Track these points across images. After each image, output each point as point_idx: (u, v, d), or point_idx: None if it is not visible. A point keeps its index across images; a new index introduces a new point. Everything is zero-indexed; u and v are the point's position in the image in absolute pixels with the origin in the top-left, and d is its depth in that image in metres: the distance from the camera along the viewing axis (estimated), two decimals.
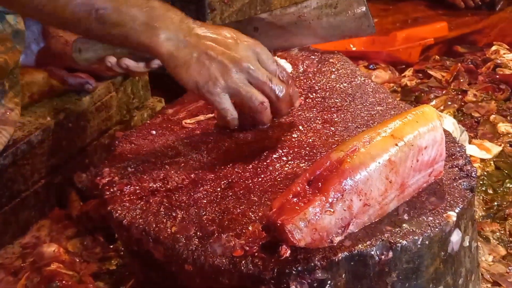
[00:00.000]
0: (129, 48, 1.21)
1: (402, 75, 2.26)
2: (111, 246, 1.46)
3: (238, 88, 1.14)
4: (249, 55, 1.14)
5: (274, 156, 1.15)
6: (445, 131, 1.17)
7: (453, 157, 1.11)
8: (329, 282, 0.91)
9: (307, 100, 1.33)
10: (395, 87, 2.17)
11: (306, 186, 0.92)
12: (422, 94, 2.07)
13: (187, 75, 1.14)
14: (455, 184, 1.05)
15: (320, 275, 0.91)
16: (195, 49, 1.13)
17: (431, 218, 0.97)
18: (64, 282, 1.34)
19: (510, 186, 1.62)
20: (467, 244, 1.03)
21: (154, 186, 1.11)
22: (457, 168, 1.08)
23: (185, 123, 1.30)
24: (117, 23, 1.13)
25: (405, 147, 0.96)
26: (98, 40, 1.23)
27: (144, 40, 1.14)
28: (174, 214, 1.04)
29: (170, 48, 1.13)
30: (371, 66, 2.32)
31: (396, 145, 0.96)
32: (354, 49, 2.45)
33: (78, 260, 1.43)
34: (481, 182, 1.62)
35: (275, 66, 1.18)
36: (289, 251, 0.91)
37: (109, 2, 1.12)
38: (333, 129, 1.23)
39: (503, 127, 1.86)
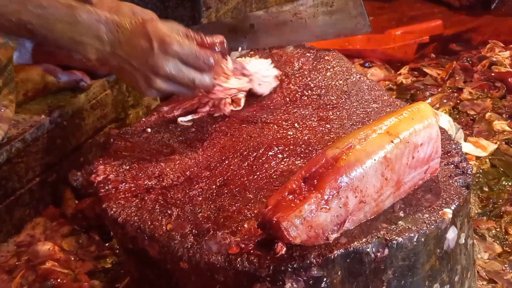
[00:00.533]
0: None
1: (398, 73, 2.26)
2: (106, 244, 1.46)
3: (167, 90, 1.19)
4: (164, 63, 1.15)
5: (270, 153, 1.15)
6: (441, 128, 1.18)
7: (448, 154, 1.11)
8: (324, 279, 0.91)
9: (302, 97, 1.33)
10: (390, 85, 2.17)
11: (302, 184, 0.92)
12: (418, 92, 2.08)
13: (124, 80, 1.25)
14: (450, 181, 1.04)
15: (315, 272, 0.91)
16: (120, 59, 1.17)
17: (427, 215, 0.97)
18: (59, 280, 1.34)
19: (506, 184, 1.62)
20: (463, 241, 1.03)
21: (149, 183, 1.11)
22: (452, 165, 1.08)
23: (180, 121, 1.29)
24: (46, 38, 1.17)
25: (400, 144, 0.96)
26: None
27: (75, 54, 1.18)
28: (169, 212, 1.03)
29: (99, 61, 1.18)
30: (367, 64, 2.32)
31: (392, 142, 0.95)
32: (349, 47, 2.45)
33: (73, 258, 1.43)
34: (476, 180, 1.62)
35: (195, 57, 1.17)
36: (284, 249, 0.90)
37: (35, 18, 1.13)
38: (328, 126, 1.23)
39: (498, 125, 1.86)
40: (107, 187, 1.10)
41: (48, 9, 1.14)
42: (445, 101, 2.00)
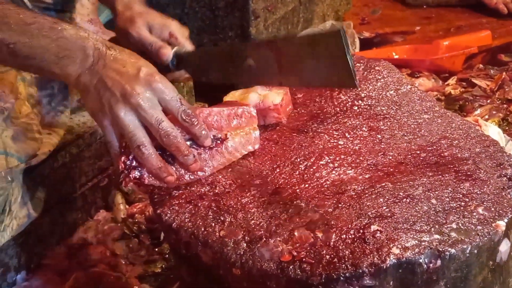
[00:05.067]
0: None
1: (446, 83, 2.25)
2: (156, 249, 1.49)
3: (122, 126, 1.07)
4: (142, 92, 1.07)
5: (321, 162, 1.16)
6: (493, 140, 1.17)
7: (501, 166, 1.10)
8: None
9: (353, 107, 1.33)
10: (438, 95, 2.16)
11: None
12: (467, 103, 2.06)
13: (86, 101, 1.12)
14: (503, 194, 1.04)
15: (367, 281, 0.91)
16: (96, 76, 1.09)
17: (479, 227, 0.97)
18: (110, 283, 1.36)
19: None
20: None
21: (202, 190, 1.13)
22: (505, 178, 1.08)
23: None
24: (28, 56, 1.11)
25: None
26: (16, 69, 1.22)
27: (56, 71, 1.12)
28: (222, 218, 1.05)
29: (76, 76, 1.11)
30: (414, 74, 2.31)
31: None
32: (396, 57, 2.45)
33: (123, 262, 1.45)
34: None
35: (178, 104, 1.09)
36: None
37: (19, 36, 1.10)
38: (379, 136, 1.23)
39: None
40: (161, 193, 1.13)
41: (33, 25, 1.11)
42: (494, 112, 1.98)
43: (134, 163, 1.09)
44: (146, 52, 1.34)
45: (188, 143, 1.12)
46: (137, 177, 1.09)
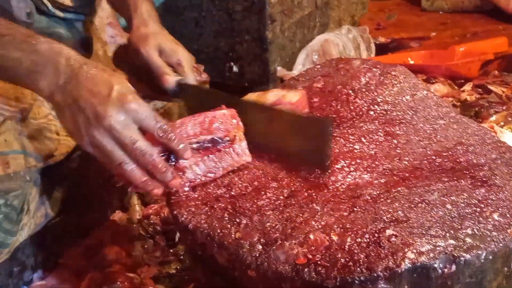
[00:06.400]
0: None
1: (461, 89, 2.25)
2: (171, 250, 1.49)
3: (100, 147, 1.08)
4: (114, 113, 1.06)
5: (337, 166, 1.16)
6: (509, 146, 1.18)
7: None
8: None
9: (369, 112, 1.33)
10: (454, 101, 2.16)
11: None
12: (482, 110, 2.05)
13: (63, 120, 1.12)
14: None
15: (382, 285, 0.92)
16: (69, 96, 1.08)
17: (495, 233, 0.97)
18: (125, 283, 1.37)
19: None
20: None
21: (218, 192, 1.14)
22: None
23: None
24: (2, 68, 1.11)
25: None
26: None
27: (29, 84, 1.13)
28: (238, 220, 1.06)
29: (49, 93, 1.11)
30: (430, 80, 2.31)
31: None
32: (412, 62, 2.45)
33: (139, 263, 1.46)
34: None
35: (153, 122, 1.09)
36: None
37: None
38: (395, 141, 1.23)
39: None
40: (177, 194, 1.14)
41: (6, 37, 1.11)
42: (510, 119, 1.98)
43: None
44: (150, 72, 1.37)
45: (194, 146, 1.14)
46: None
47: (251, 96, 1.34)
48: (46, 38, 1.14)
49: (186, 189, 1.14)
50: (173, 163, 1.12)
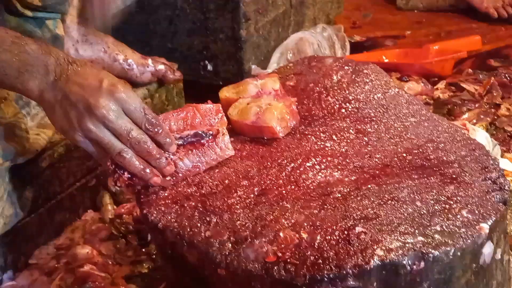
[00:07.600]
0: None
1: (435, 87, 2.26)
2: (143, 250, 1.48)
3: (96, 138, 1.08)
4: (106, 104, 1.07)
5: (308, 164, 1.16)
6: (479, 144, 1.18)
7: (486, 169, 1.11)
8: None
9: (341, 110, 1.34)
10: (427, 99, 2.17)
11: None
12: (455, 107, 2.07)
13: (54, 119, 1.12)
14: (488, 197, 1.05)
15: (351, 283, 0.92)
16: (59, 92, 1.09)
17: (463, 230, 0.97)
18: (97, 283, 1.37)
19: None
20: (499, 257, 1.03)
21: (189, 191, 1.13)
22: (490, 181, 1.08)
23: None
24: None
25: None
26: None
27: (17, 85, 1.13)
28: (208, 219, 1.05)
29: (39, 92, 1.11)
30: (404, 78, 2.32)
31: None
32: (386, 61, 2.46)
33: (110, 263, 1.45)
34: None
35: (141, 114, 1.10)
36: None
37: None
38: (366, 139, 1.23)
39: None
40: (147, 193, 1.13)
41: None
42: (482, 116, 1.99)
43: None
44: None
45: (179, 142, 1.15)
46: (130, 177, 1.11)
47: (227, 91, 1.34)
48: (34, 39, 1.14)
49: (171, 183, 1.14)
50: None
